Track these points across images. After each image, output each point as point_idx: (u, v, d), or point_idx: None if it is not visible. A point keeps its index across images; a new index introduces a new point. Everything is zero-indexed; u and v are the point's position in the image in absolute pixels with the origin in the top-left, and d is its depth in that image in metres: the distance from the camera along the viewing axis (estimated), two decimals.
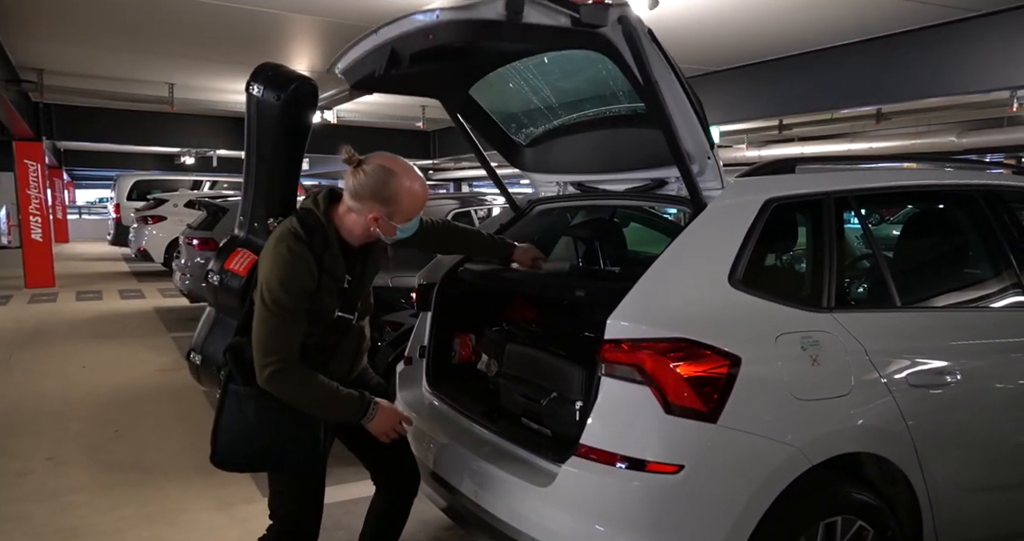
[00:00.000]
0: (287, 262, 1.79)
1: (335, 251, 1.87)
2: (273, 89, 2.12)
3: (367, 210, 1.86)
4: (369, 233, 1.91)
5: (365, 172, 1.84)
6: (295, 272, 1.79)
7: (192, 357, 2.23)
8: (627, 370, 1.79)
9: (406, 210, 1.89)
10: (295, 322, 1.80)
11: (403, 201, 1.86)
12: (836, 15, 5.36)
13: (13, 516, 3.19)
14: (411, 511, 3.15)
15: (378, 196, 1.84)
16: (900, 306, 2.21)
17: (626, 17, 1.73)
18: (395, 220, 1.88)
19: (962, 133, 9.94)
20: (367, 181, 1.84)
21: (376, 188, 1.84)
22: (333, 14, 5.44)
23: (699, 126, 1.92)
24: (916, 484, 2.03)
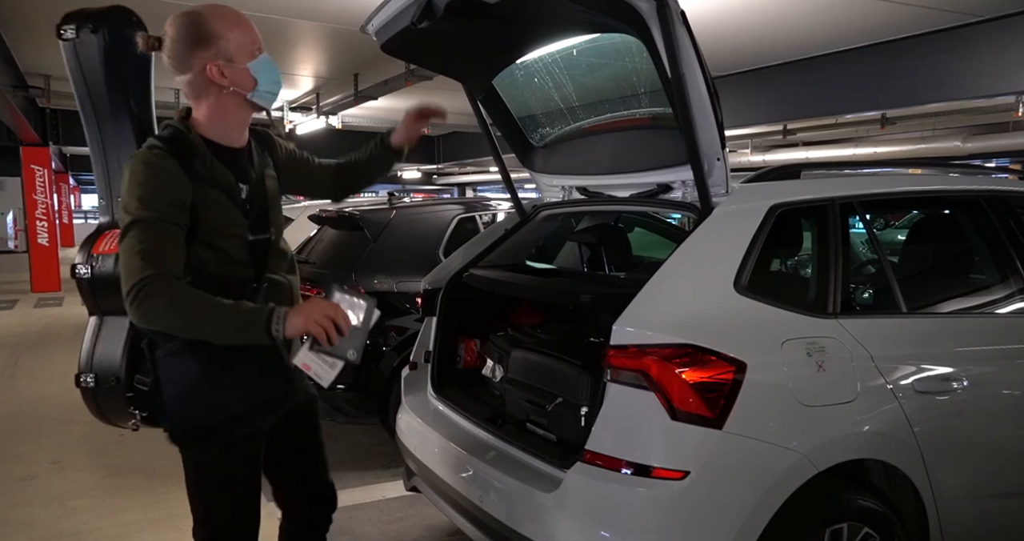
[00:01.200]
0: (142, 174, 1.50)
1: (205, 155, 1.59)
2: (89, 23, 1.75)
3: (198, 68, 1.56)
4: (235, 102, 1.62)
5: (169, 35, 1.57)
6: (154, 182, 1.49)
7: (84, 381, 1.76)
8: (633, 376, 1.78)
9: (238, 41, 1.58)
10: (163, 239, 1.48)
11: (224, 31, 1.57)
12: (840, 20, 5.36)
13: (18, 520, 3.19)
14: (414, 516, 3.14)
15: (191, 40, 1.55)
16: (906, 312, 2.20)
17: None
18: (237, 60, 1.58)
19: (967, 138, 9.92)
20: (172, 39, 1.56)
21: (184, 35, 1.55)
22: (339, 20, 5.46)
23: (715, 122, 1.89)
24: (923, 491, 2.02)
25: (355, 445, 4.20)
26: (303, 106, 9.49)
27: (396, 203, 4.41)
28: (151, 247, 1.47)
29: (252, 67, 1.62)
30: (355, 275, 3.83)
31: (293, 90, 8.79)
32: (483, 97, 2.60)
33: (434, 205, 4.92)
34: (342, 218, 4.25)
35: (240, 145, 1.70)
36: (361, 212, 4.19)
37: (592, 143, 2.51)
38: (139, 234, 1.47)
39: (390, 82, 7.02)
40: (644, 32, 1.77)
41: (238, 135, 1.69)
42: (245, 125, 1.72)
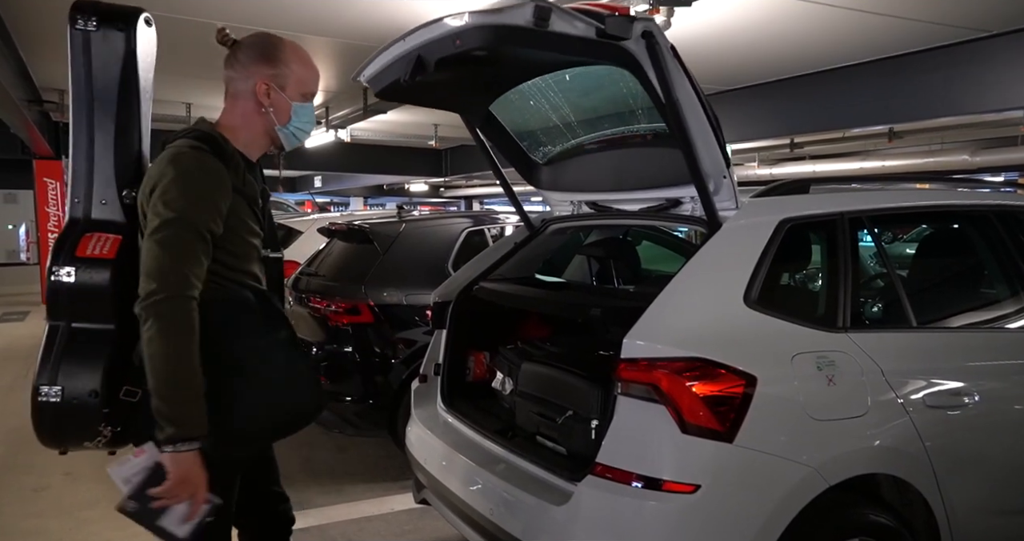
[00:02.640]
0: (192, 173, 1.48)
1: (239, 164, 1.60)
2: (116, 22, 1.69)
3: (253, 79, 1.62)
4: (264, 126, 1.67)
5: (245, 42, 1.65)
6: (204, 182, 1.48)
7: (45, 394, 1.55)
8: (643, 389, 1.79)
9: (298, 76, 1.67)
10: (201, 248, 1.46)
11: (292, 63, 1.66)
12: (848, 35, 5.39)
13: (31, 531, 3.21)
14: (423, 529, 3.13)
15: (264, 56, 1.63)
16: (916, 326, 2.20)
17: (650, 32, 1.74)
18: (288, 91, 1.65)
19: (975, 151, 9.91)
20: (249, 47, 1.64)
21: (261, 48, 1.64)
22: (349, 36, 5.53)
23: (716, 144, 1.93)
24: (935, 506, 2.01)
25: (364, 457, 4.20)
26: None
27: (405, 216, 4.44)
28: (191, 254, 1.45)
29: (295, 106, 1.69)
30: (364, 288, 3.85)
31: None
32: (481, 124, 2.65)
33: (443, 218, 4.95)
34: (352, 231, 4.28)
35: (255, 162, 1.75)
36: (371, 225, 4.22)
37: (598, 160, 2.53)
38: (184, 235, 1.45)
39: None
40: (636, 68, 1.81)
41: (256, 154, 1.73)
42: (264, 150, 1.75)
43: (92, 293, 1.57)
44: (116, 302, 1.57)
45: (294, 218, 7.36)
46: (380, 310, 3.80)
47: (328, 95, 8.20)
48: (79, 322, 1.59)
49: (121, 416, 1.58)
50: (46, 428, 1.60)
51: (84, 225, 1.64)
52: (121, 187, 1.67)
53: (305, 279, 4.34)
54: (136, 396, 1.56)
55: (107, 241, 1.60)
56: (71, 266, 1.57)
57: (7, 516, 3.37)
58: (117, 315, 1.58)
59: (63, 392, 1.55)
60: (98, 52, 1.68)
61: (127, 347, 1.59)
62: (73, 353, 1.57)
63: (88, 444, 1.61)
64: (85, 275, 1.57)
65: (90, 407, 1.55)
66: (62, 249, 1.60)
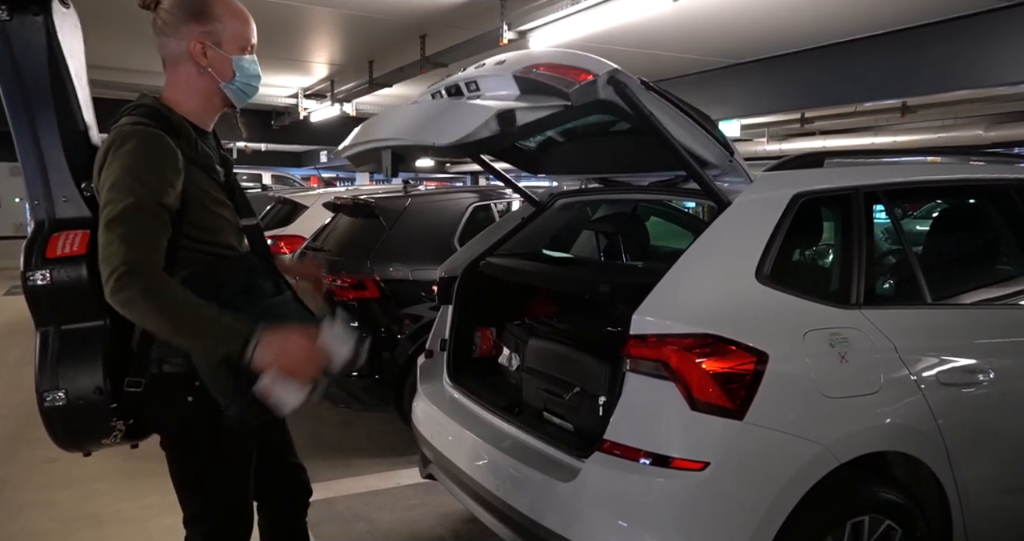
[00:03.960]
0: (137, 151, 1.44)
1: (189, 134, 1.56)
2: (29, 8, 1.59)
3: (186, 41, 1.55)
4: (209, 86, 1.61)
5: (168, 3, 1.56)
6: (151, 157, 1.45)
7: (50, 399, 1.53)
8: (652, 366, 1.77)
9: (233, 31, 1.59)
10: (157, 225, 1.43)
11: (224, 17, 1.58)
12: (861, 6, 5.27)
13: (40, 502, 3.24)
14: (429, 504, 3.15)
15: (192, 14, 1.55)
16: (931, 303, 2.17)
17: (615, 78, 1.73)
18: (225, 46, 1.58)
19: (990, 126, 9.75)
20: (174, 7, 1.55)
21: (186, 6, 1.55)
22: (354, 7, 5.44)
23: (712, 139, 1.92)
24: (946, 484, 1.99)
25: (371, 432, 4.22)
26: (317, 93, 9.48)
27: (411, 191, 4.39)
28: (144, 231, 1.41)
29: (236, 60, 1.62)
30: (370, 263, 3.83)
31: (308, 77, 8.78)
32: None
33: (449, 193, 4.91)
34: (357, 206, 4.25)
35: (209, 130, 1.69)
36: (376, 199, 4.18)
37: (608, 143, 2.48)
38: (133, 216, 1.40)
39: (405, 69, 6.99)
40: (613, 109, 1.80)
41: (209, 120, 1.67)
42: (216, 113, 1.69)
43: (72, 292, 1.53)
44: (99, 296, 1.50)
45: (300, 193, 7.32)
46: (386, 285, 3.78)
47: (333, 68, 8.11)
48: (67, 324, 1.56)
49: (131, 408, 1.58)
50: (59, 432, 1.59)
51: (50, 226, 1.60)
52: (79, 180, 1.61)
53: (311, 254, 4.32)
54: (140, 386, 1.56)
55: (76, 237, 1.56)
56: (44, 269, 1.53)
57: (18, 488, 3.40)
58: (104, 308, 1.52)
59: (67, 394, 1.53)
60: (18, 42, 1.58)
61: (122, 339, 1.58)
62: (69, 354, 1.55)
63: (106, 441, 1.61)
64: (61, 275, 1.52)
65: (98, 404, 1.54)
66: (32, 253, 1.55)
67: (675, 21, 5.63)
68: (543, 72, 1.77)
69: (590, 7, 4.52)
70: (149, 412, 1.60)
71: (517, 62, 1.84)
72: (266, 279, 1.63)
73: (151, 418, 1.62)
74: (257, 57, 1.69)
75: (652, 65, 7.53)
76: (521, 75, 1.80)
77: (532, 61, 1.83)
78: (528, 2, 5.10)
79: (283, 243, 5.87)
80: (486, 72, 1.90)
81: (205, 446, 1.63)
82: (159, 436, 1.67)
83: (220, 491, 1.67)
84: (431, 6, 5.39)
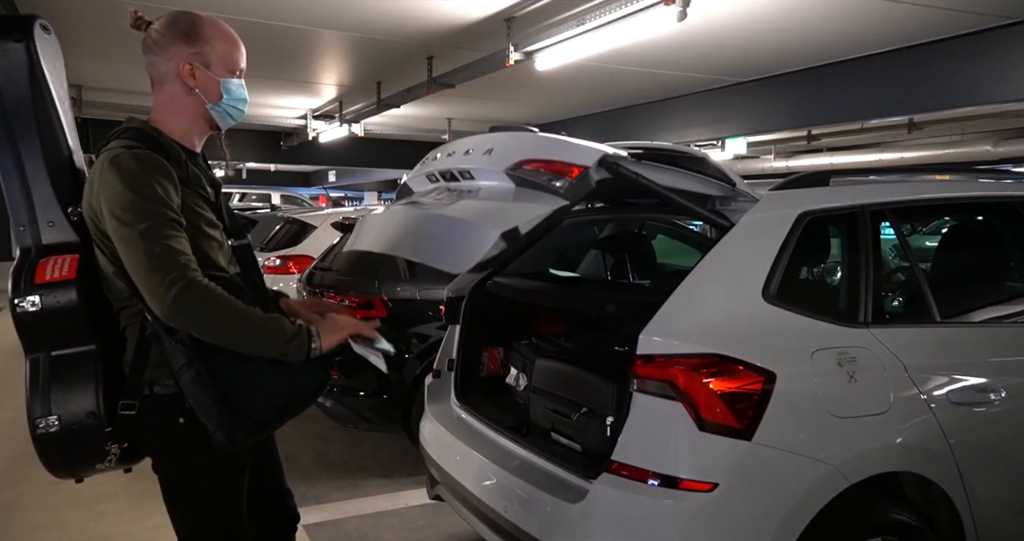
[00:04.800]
0: (134, 172, 1.43)
1: (179, 155, 1.56)
2: (11, 34, 1.58)
3: (175, 61, 1.56)
4: (196, 107, 1.61)
5: (159, 24, 1.58)
6: (149, 175, 1.44)
7: (43, 426, 1.52)
8: (659, 386, 1.77)
9: (222, 54, 1.60)
10: (175, 234, 1.43)
11: (214, 39, 1.59)
12: (867, 24, 5.29)
13: (50, 523, 3.24)
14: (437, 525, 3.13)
15: (182, 35, 1.56)
16: (940, 321, 2.15)
17: (605, 160, 1.78)
18: (213, 68, 1.59)
19: (998, 142, 9.73)
20: (165, 27, 1.57)
21: (177, 28, 1.57)
22: (362, 29, 5.52)
23: (713, 178, 1.96)
24: (959, 504, 1.97)
25: (378, 452, 4.21)
26: (326, 114, 9.59)
27: None
28: (174, 244, 1.42)
29: (224, 82, 1.62)
30: (378, 282, 3.85)
31: (316, 98, 8.88)
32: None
33: None
34: None
35: (198, 151, 1.69)
36: None
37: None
38: (159, 233, 1.41)
39: (413, 90, 7.07)
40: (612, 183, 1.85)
41: (196, 141, 1.68)
42: (204, 135, 1.69)
43: (63, 316, 1.52)
44: (90, 320, 1.53)
45: (308, 213, 7.38)
46: (393, 305, 3.79)
47: (341, 90, 8.20)
48: (58, 349, 1.54)
49: (125, 431, 1.57)
50: (52, 458, 1.57)
51: (37, 251, 1.58)
52: (64, 205, 1.59)
53: (319, 274, 4.34)
54: (133, 409, 1.55)
55: (65, 262, 1.54)
56: (34, 295, 1.50)
57: (29, 508, 3.41)
58: (95, 333, 1.54)
59: (60, 420, 1.52)
60: (2, 69, 1.57)
61: (113, 362, 1.57)
62: (60, 380, 1.53)
63: (100, 466, 1.60)
64: (51, 300, 1.50)
65: (92, 428, 1.53)
66: (20, 279, 1.52)
67: (680, 41, 5.68)
68: (534, 169, 1.80)
69: (595, 28, 4.57)
70: (141, 434, 1.59)
71: (506, 156, 1.86)
72: (252, 301, 1.59)
73: (143, 440, 1.61)
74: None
75: (657, 84, 7.59)
76: (512, 173, 1.83)
77: (521, 156, 1.84)
78: (534, 23, 5.16)
79: (291, 263, 5.90)
80: (479, 165, 1.93)
81: (197, 468, 1.62)
82: (151, 459, 1.66)
83: (212, 512, 1.66)
84: (438, 28, 5.46)
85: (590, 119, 9.83)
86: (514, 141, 1.93)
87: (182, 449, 1.60)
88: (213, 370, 1.49)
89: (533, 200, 1.76)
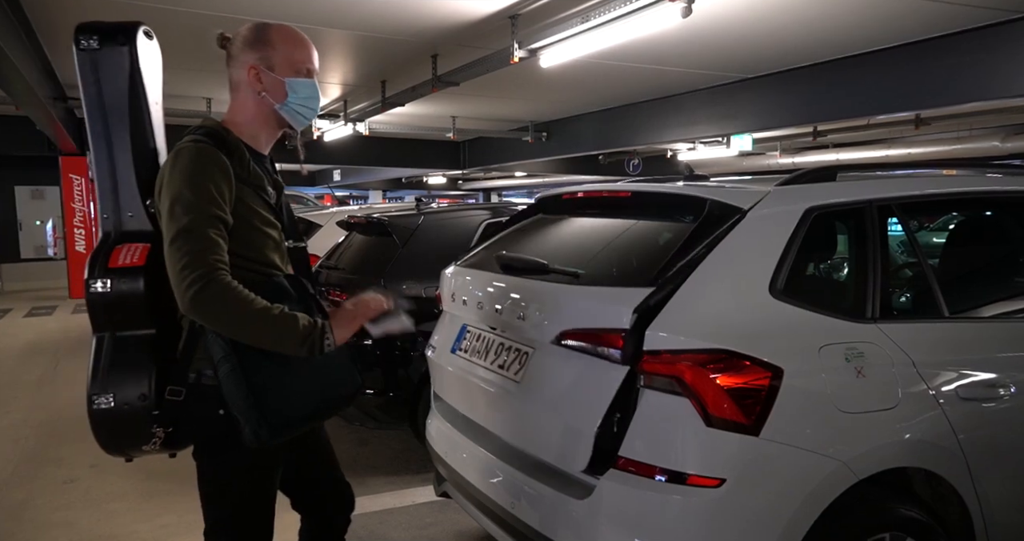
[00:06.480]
0: (192, 164, 1.54)
1: (244, 155, 1.65)
2: (116, 38, 1.74)
3: (244, 68, 1.67)
4: (264, 109, 1.70)
5: (235, 37, 1.71)
6: (204, 170, 1.53)
7: (98, 403, 1.61)
8: (666, 382, 1.76)
9: (285, 55, 1.68)
10: (213, 233, 1.51)
11: (278, 42, 1.68)
12: (873, 20, 5.27)
13: (60, 522, 3.26)
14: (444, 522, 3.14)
15: (249, 43, 1.67)
16: (948, 316, 2.14)
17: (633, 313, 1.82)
18: (277, 70, 1.67)
19: (1006, 137, 9.67)
20: (237, 39, 1.70)
21: (245, 37, 1.68)
22: (366, 28, 5.52)
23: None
24: (968, 501, 1.96)
25: (385, 450, 4.22)
26: (331, 113, 9.60)
27: (424, 208, 4.42)
28: (210, 241, 1.50)
29: (289, 82, 1.69)
30: (384, 280, 3.85)
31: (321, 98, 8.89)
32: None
33: (462, 210, 4.93)
34: (371, 224, 4.28)
35: (266, 153, 1.77)
36: (389, 218, 4.21)
37: None
38: (196, 225, 1.49)
39: (417, 88, 7.07)
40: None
41: (264, 143, 1.76)
42: (272, 137, 1.78)
43: (128, 300, 1.63)
44: (152, 306, 1.63)
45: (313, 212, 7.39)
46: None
47: (346, 89, 8.21)
48: (121, 330, 1.65)
49: (171, 416, 1.64)
50: (103, 436, 1.66)
51: (116, 238, 1.72)
52: (144, 197, 1.73)
53: (325, 272, 4.35)
54: (180, 395, 1.62)
55: (136, 250, 1.67)
56: (105, 278, 1.63)
57: (38, 508, 3.43)
58: (154, 318, 1.64)
59: (114, 398, 1.61)
60: (105, 70, 1.73)
61: (168, 349, 1.65)
62: (120, 361, 1.63)
63: (146, 447, 1.67)
64: (119, 284, 1.62)
65: (141, 410, 1.62)
66: (96, 263, 1.65)
67: (685, 37, 5.66)
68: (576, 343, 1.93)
69: (600, 25, 4.56)
70: (184, 422, 1.66)
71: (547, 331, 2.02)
72: (296, 304, 1.64)
73: (185, 428, 1.68)
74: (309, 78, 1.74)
75: (663, 81, 7.57)
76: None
77: (562, 326, 1.98)
78: (538, 20, 5.16)
79: None
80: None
81: (229, 461, 1.67)
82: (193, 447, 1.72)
83: (240, 505, 1.70)
84: (442, 26, 5.46)
85: (595, 116, 9.82)
86: (553, 312, 2.05)
87: (218, 441, 1.65)
88: (246, 366, 1.55)
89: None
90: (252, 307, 1.50)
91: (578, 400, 1.93)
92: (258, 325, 1.51)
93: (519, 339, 2.20)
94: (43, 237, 14.40)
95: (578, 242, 2.59)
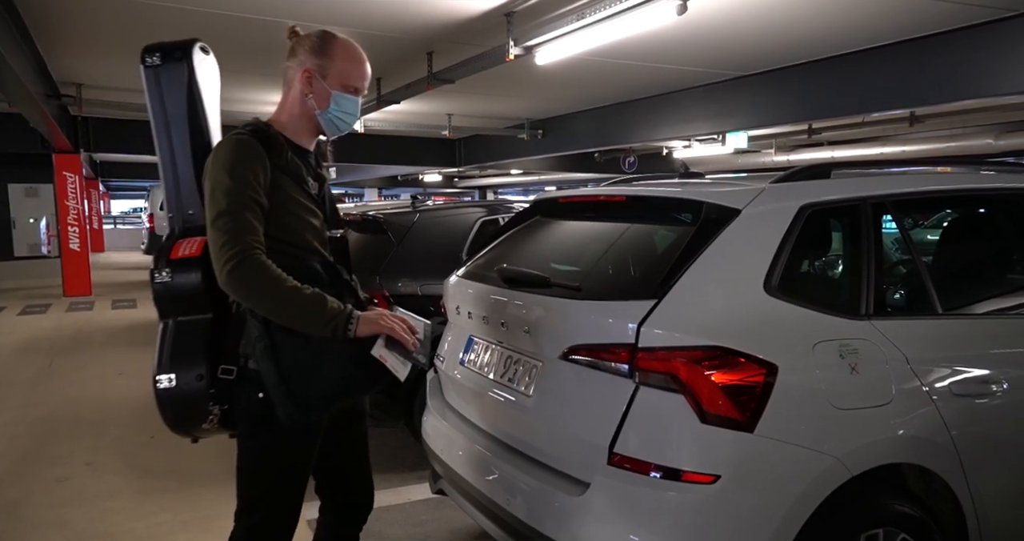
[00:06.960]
0: (229, 154, 1.68)
1: (282, 146, 1.77)
2: (175, 54, 1.90)
3: (300, 69, 1.80)
4: (306, 111, 1.82)
5: (303, 37, 1.84)
6: (241, 158, 1.67)
7: (162, 384, 1.75)
8: (661, 378, 1.77)
9: (341, 68, 1.81)
10: (249, 214, 1.63)
11: (339, 56, 1.81)
12: (867, 17, 5.28)
13: (54, 521, 3.25)
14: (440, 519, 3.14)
15: (314, 48, 1.81)
16: (942, 313, 2.15)
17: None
18: (328, 80, 1.80)
19: (1000, 135, 9.71)
20: (305, 40, 1.83)
21: (313, 42, 1.82)
22: (361, 25, 5.51)
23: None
24: (961, 497, 1.97)
25: (381, 448, 4.22)
26: None
27: (419, 206, 4.42)
28: (246, 223, 1.62)
29: (336, 95, 1.82)
30: (379, 278, 3.85)
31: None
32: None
33: (457, 208, 4.93)
34: (366, 221, 4.28)
35: (310, 149, 1.90)
36: (385, 215, 4.21)
37: None
38: (236, 210, 1.62)
39: (412, 86, 7.06)
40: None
41: (307, 142, 1.89)
42: (309, 135, 1.89)
43: (187, 288, 1.77)
44: (209, 292, 1.75)
45: None
46: (395, 300, 3.79)
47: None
48: (182, 316, 1.79)
49: (224, 394, 1.75)
50: (168, 415, 1.78)
51: (179, 233, 1.88)
52: (202, 195, 1.82)
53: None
54: (232, 373, 1.74)
55: (194, 243, 1.80)
56: (168, 268, 1.78)
57: (32, 506, 3.42)
58: (211, 303, 1.77)
59: (176, 379, 1.75)
60: (166, 84, 1.90)
61: (221, 331, 1.77)
62: (180, 343, 1.77)
63: (205, 426, 1.78)
64: (179, 274, 1.78)
65: (199, 389, 1.75)
66: (161, 256, 1.81)
67: (681, 34, 5.66)
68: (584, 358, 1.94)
69: (596, 22, 4.56)
70: (233, 401, 1.76)
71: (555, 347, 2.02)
72: (328, 288, 1.72)
73: (233, 407, 1.77)
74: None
75: (658, 78, 7.57)
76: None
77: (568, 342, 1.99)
78: (534, 18, 5.15)
79: None
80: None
81: (265, 444, 1.76)
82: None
83: (270, 489, 1.79)
84: (438, 23, 5.45)
85: (591, 114, 9.82)
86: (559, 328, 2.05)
87: (256, 424, 1.75)
88: (278, 345, 1.67)
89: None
90: (284, 285, 1.62)
91: (591, 414, 1.92)
92: (288, 302, 1.62)
93: (526, 353, 2.20)
94: (37, 235, 14.35)
95: (578, 248, 2.59)
